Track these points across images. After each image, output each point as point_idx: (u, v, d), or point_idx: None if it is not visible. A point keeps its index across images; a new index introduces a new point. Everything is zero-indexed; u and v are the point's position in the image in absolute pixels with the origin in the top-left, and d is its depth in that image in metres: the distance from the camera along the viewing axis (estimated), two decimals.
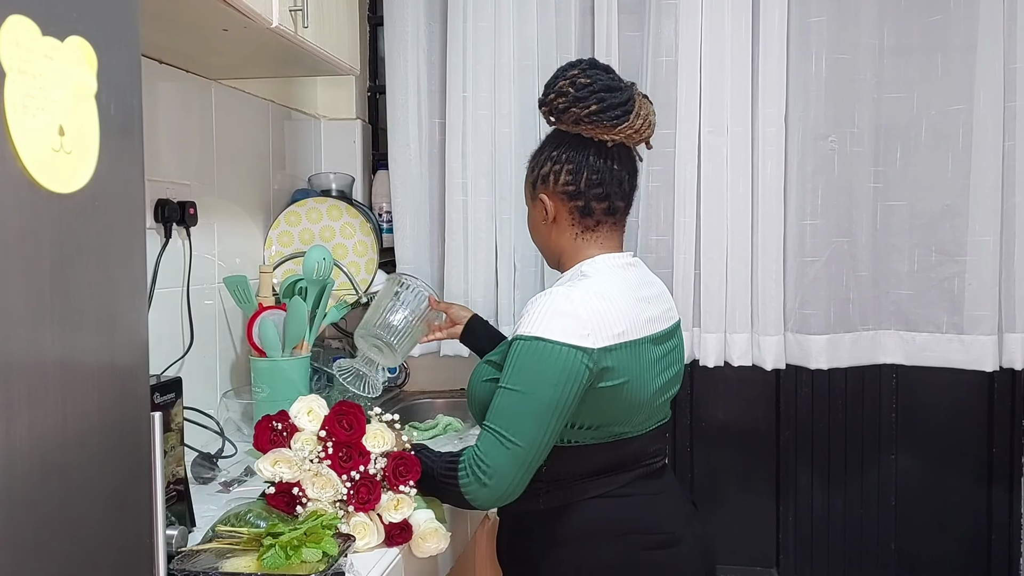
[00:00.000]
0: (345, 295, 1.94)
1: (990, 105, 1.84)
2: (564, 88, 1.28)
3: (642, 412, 1.29)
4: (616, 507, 1.29)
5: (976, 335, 1.87)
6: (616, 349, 1.21)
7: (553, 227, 1.36)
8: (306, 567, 1.08)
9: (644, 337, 1.26)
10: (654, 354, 1.29)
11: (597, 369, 1.19)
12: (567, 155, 1.32)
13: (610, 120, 1.27)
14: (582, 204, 1.32)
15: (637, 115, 1.29)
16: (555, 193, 1.33)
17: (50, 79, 0.66)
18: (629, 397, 1.24)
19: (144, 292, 0.80)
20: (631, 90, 1.31)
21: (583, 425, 1.25)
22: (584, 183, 1.31)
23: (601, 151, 1.31)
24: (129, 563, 0.78)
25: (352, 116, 2.26)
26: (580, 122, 1.28)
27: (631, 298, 1.27)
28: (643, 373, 1.26)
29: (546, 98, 1.32)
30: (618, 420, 1.26)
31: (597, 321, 1.20)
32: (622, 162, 1.33)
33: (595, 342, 1.19)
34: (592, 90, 1.27)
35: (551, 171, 1.33)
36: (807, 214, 1.92)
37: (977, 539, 2.20)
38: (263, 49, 1.54)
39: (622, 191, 1.33)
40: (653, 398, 1.29)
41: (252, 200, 1.94)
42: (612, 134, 1.29)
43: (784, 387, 2.24)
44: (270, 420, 1.30)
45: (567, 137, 1.33)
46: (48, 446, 0.66)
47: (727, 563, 2.29)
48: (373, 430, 1.29)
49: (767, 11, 1.89)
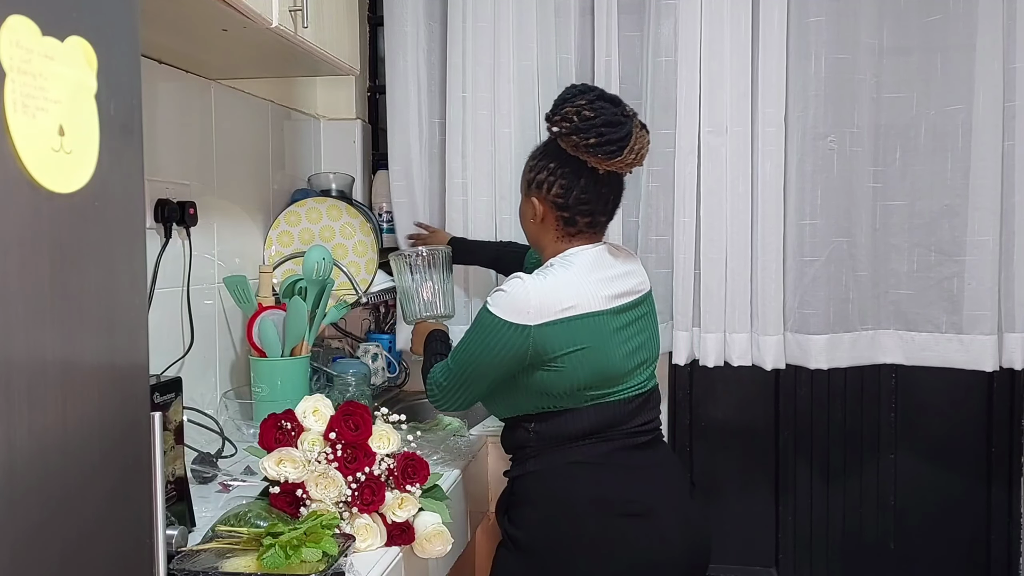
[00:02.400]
0: (345, 295, 1.94)
1: (990, 105, 1.84)
2: (569, 115, 1.42)
3: (613, 376, 1.43)
4: (590, 474, 1.43)
5: (976, 335, 1.87)
6: (562, 322, 1.39)
7: (540, 226, 1.52)
8: (306, 567, 1.08)
9: (604, 310, 1.42)
10: (616, 323, 1.44)
11: (546, 341, 1.39)
12: (562, 171, 1.47)
13: (605, 154, 1.41)
14: (567, 216, 1.48)
15: (631, 150, 1.42)
16: (545, 200, 1.49)
17: (50, 79, 0.66)
18: (594, 361, 1.41)
19: (144, 292, 0.80)
20: (630, 123, 1.43)
21: (545, 391, 1.42)
22: (573, 200, 1.47)
23: (593, 175, 1.46)
24: (129, 563, 0.78)
25: (352, 116, 2.26)
26: (578, 149, 1.43)
27: (593, 279, 1.44)
28: (606, 340, 1.42)
29: (552, 117, 1.45)
30: (590, 384, 1.42)
31: (541, 302, 1.39)
32: (611, 186, 1.49)
33: (534, 319, 1.39)
34: (593, 124, 1.40)
35: (545, 180, 1.48)
36: (807, 214, 1.92)
37: (977, 539, 2.20)
38: (263, 49, 1.54)
39: (605, 209, 1.50)
40: (622, 362, 1.44)
41: (252, 200, 1.94)
42: (605, 165, 1.43)
43: (783, 387, 2.24)
44: (277, 419, 1.30)
45: (565, 155, 1.46)
46: (48, 446, 0.66)
47: (727, 563, 2.29)
48: (379, 431, 1.29)
49: (767, 11, 1.89)
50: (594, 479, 1.42)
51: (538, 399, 1.44)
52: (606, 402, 1.44)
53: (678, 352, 1.99)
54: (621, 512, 1.41)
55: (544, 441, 1.45)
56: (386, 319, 2.32)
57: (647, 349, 1.51)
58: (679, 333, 1.98)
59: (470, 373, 1.46)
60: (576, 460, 1.43)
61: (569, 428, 1.44)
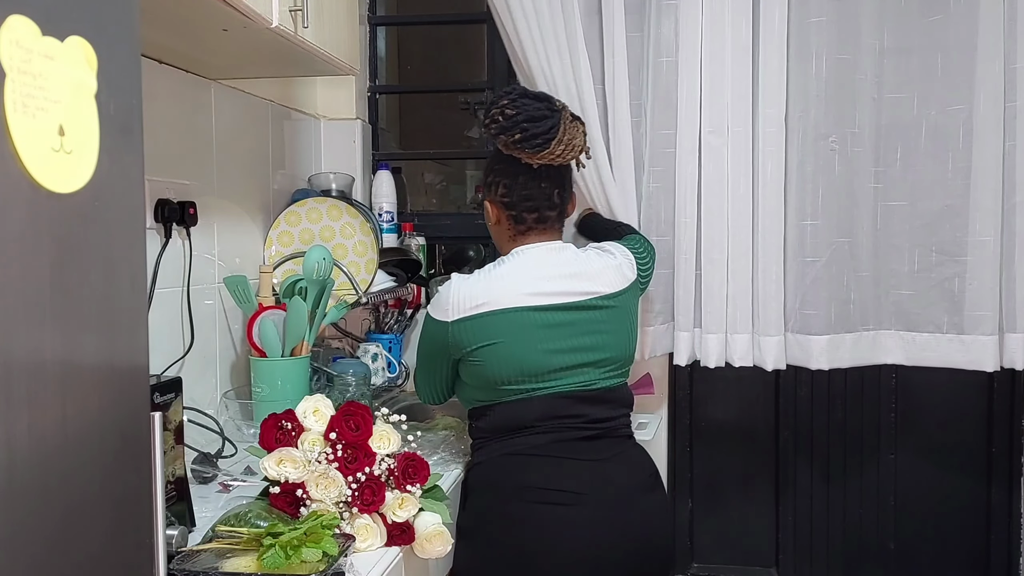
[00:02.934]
0: (345, 295, 1.94)
1: (990, 105, 1.84)
2: (496, 116, 1.51)
3: (535, 371, 1.49)
4: (520, 463, 1.50)
5: (976, 335, 1.87)
6: (475, 318, 1.49)
7: (497, 227, 1.63)
8: (306, 567, 1.08)
9: (525, 306, 1.49)
10: (542, 321, 1.50)
11: (460, 335, 1.50)
12: (503, 171, 1.57)
13: (532, 148, 1.49)
14: (515, 214, 1.57)
15: (559, 142, 1.49)
16: (495, 201, 1.60)
17: (50, 79, 0.66)
18: (509, 356, 1.49)
19: (144, 292, 0.80)
20: (558, 116, 1.51)
21: (477, 384, 1.53)
22: (517, 197, 1.56)
23: (530, 171, 1.54)
24: (129, 563, 0.78)
25: (352, 116, 2.26)
26: (509, 147, 1.52)
27: (523, 277, 1.52)
28: (524, 336, 1.48)
29: (483, 121, 1.54)
30: (509, 377, 1.50)
31: (458, 299, 1.50)
32: (550, 179, 1.56)
33: (451, 315, 1.51)
34: (516, 121, 1.49)
35: (492, 182, 1.59)
36: (807, 214, 1.92)
37: (977, 539, 2.20)
38: (263, 49, 1.54)
39: (551, 203, 1.57)
40: (545, 358, 1.49)
41: (252, 200, 1.94)
42: (535, 159, 1.51)
43: (784, 387, 2.24)
44: (278, 419, 1.29)
45: (503, 156, 1.56)
46: (48, 446, 0.66)
47: (727, 563, 2.29)
48: (380, 431, 1.29)
49: (767, 11, 1.88)
50: (523, 467, 1.49)
51: (473, 392, 1.56)
52: (537, 396, 1.50)
53: (679, 353, 1.99)
54: (546, 499, 1.46)
55: (485, 434, 1.55)
56: (386, 319, 2.32)
57: (599, 350, 1.54)
58: (680, 333, 1.98)
59: (421, 366, 1.64)
60: (510, 452, 1.51)
61: (503, 421, 1.52)
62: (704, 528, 2.31)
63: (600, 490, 1.47)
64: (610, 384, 1.57)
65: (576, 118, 1.55)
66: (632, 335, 1.62)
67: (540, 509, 1.45)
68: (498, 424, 1.53)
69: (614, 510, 1.47)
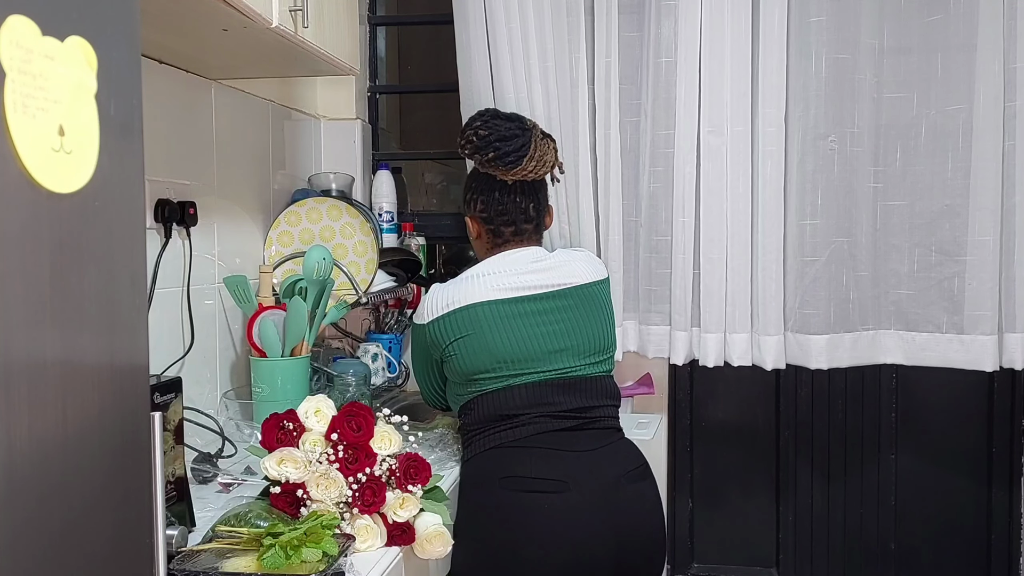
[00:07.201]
0: (345, 295, 1.94)
1: (990, 105, 1.84)
2: (470, 137, 1.61)
3: (508, 358, 1.54)
4: (504, 455, 1.53)
5: (976, 335, 1.87)
6: (446, 316, 1.57)
7: (478, 242, 1.71)
8: (306, 567, 1.08)
9: (498, 299, 1.56)
10: (516, 310, 1.56)
11: (436, 335, 1.59)
12: (479, 188, 1.66)
13: (505, 165, 1.58)
14: (493, 228, 1.66)
15: (531, 158, 1.58)
16: (474, 217, 1.69)
17: (50, 79, 0.65)
18: (480, 345, 1.55)
19: (144, 292, 0.80)
20: (529, 135, 1.60)
21: (458, 380, 1.59)
22: (493, 212, 1.64)
23: (505, 187, 1.63)
24: (129, 563, 0.78)
25: (352, 116, 2.26)
26: (484, 165, 1.61)
27: (495, 276, 1.58)
28: (494, 325, 1.54)
29: (458, 142, 1.65)
30: (485, 366, 1.55)
31: (434, 302, 1.60)
32: (524, 194, 1.64)
33: (427, 318, 1.61)
34: (488, 140, 1.59)
35: (470, 199, 1.68)
36: (807, 214, 1.92)
37: (977, 539, 2.20)
38: (263, 49, 1.54)
39: (527, 216, 1.65)
40: (517, 346, 1.54)
41: (252, 200, 1.94)
42: (509, 176, 1.61)
43: (784, 387, 2.24)
44: (280, 419, 1.29)
45: (479, 173, 1.66)
46: (48, 446, 0.66)
47: (727, 563, 2.29)
48: (381, 432, 1.29)
49: (767, 11, 1.89)
50: (507, 459, 1.52)
51: (456, 389, 1.61)
52: (516, 385, 1.54)
53: (676, 352, 1.99)
54: (530, 488, 1.48)
55: (471, 430, 1.58)
56: (386, 319, 2.32)
57: (573, 335, 1.58)
58: (677, 333, 1.98)
59: (417, 372, 1.75)
60: (495, 444, 1.54)
61: (486, 412, 1.56)
62: (704, 528, 2.31)
63: (585, 479, 1.48)
64: (589, 373, 1.59)
65: (547, 136, 1.64)
66: (609, 325, 1.64)
67: (525, 498, 1.48)
68: (481, 416, 1.56)
69: (599, 498, 1.48)
